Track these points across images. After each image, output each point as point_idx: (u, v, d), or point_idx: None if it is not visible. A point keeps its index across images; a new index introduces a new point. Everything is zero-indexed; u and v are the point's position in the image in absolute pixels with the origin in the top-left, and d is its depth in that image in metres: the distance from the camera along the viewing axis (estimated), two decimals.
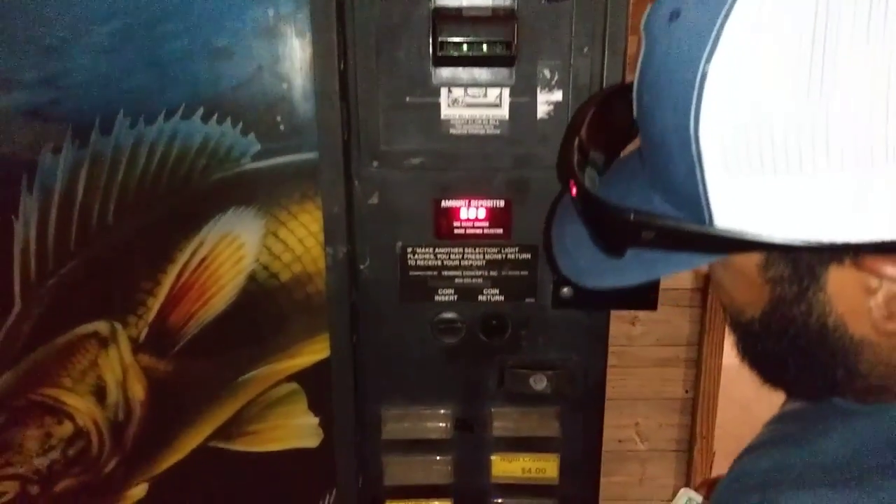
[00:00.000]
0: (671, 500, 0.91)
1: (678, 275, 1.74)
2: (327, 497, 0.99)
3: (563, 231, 0.58)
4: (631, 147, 0.57)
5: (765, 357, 0.52)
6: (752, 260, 0.46)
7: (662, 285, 0.94)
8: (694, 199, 0.44)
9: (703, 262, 0.48)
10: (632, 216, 0.46)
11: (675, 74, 0.43)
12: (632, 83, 0.50)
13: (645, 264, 0.50)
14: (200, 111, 0.83)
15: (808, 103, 0.38)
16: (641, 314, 1.80)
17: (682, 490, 0.91)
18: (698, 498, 0.91)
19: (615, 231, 0.49)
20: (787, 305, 0.46)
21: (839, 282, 0.44)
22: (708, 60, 0.40)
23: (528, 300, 0.95)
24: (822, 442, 0.51)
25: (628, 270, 0.51)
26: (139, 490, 0.96)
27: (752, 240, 0.42)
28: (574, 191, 0.51)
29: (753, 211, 0.42)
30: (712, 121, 0.41)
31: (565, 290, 0.94)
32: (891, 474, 0.45)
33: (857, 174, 0.39)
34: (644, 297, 0.95)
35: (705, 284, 1.73)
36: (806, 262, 0.44)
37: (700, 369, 1.83)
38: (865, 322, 0.44)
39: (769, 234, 0.42)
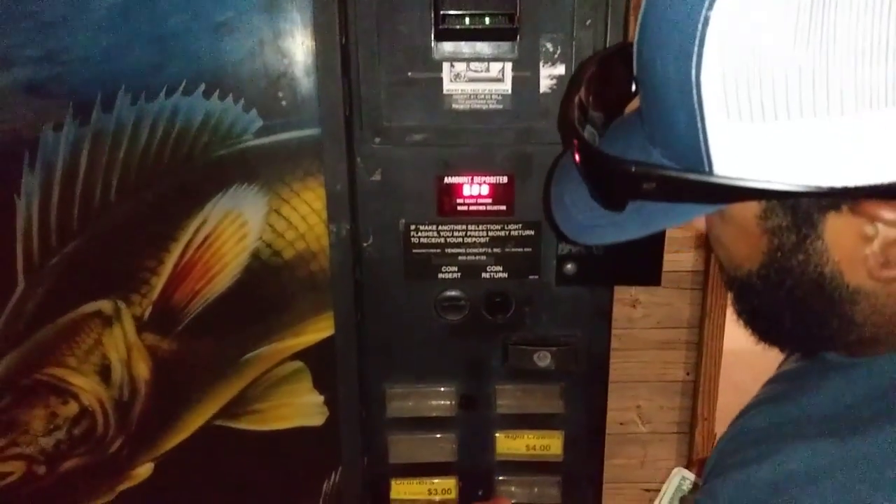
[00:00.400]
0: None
1: (679, 256, 1.74)
2: (332, 475, 0.99)
3: (562, 191, 0.58)
4: (631, 109, 0.57)
5: (761, 311, 0.52)
6: (751, 210, 0.46)
7: (663, 267, 0.94)
8: (694, 149, 0.44)
9: (702, 213, 0.49)
10: (633, 168, 0.46)
11: (676, 22, 0.43)
12: (633, 41, 0.50)
13: (644, 217, 0.50)
14: (202, 87, 0.82)
15: (808, 47, 0.39)
16: (642, 297, 1.80)
17: (676, 469, 0.91)
18: (692, 477, 0.91)
19: (616, 184, 0.49)
20: (785, 256, 0.47)
21: (836, 229, 0.44)
22: (710, 7, 0.41)
23: (531, 277, 0.95)
24: (815, 396, 0.52)
25: (628, 225, 0.51)
26: (145, 469, 0.96)
27: (753, 187, 0.43)
28: (576, 146, 0.52)
29: (753, 158, 0.42)
30: (713, 67, 0.41)
31: (569, 266, 0.94)
32: (882, 422, 0.45)
33: (856, 118, 0.39)
34: (647, 272, 0.95)
35: (706, 266, 1.73)
36: (804, 209, 0.44)
37: (701, 352, 1.83)
38: (861, 270, 0.45)
39: (769, 181, 0.42)
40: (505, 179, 0.90)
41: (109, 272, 0.88)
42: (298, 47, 0.83)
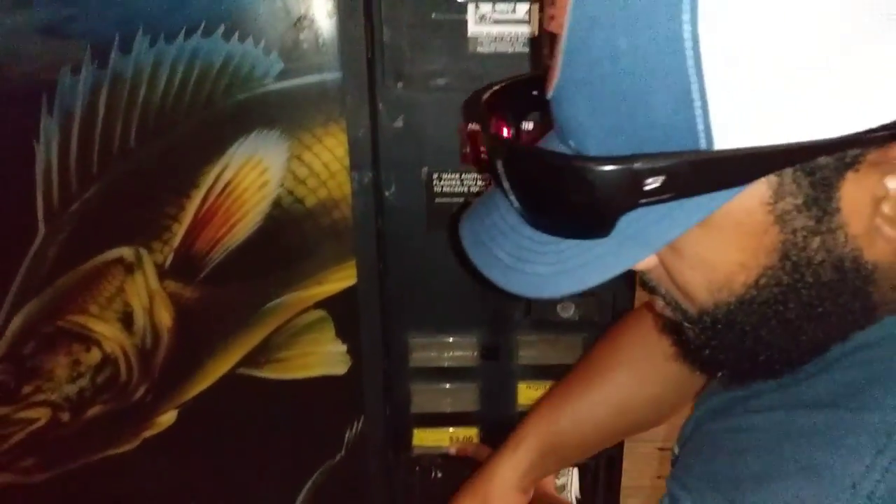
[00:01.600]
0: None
1: None
2: (355, 424, 0.99)
3: (489, 251, 0.48)
4: None
5: (754, 339, 0.45)
6: (758, 196, 0.39)
7: None
8: (685, 131, 0.37)
9: (708, 210, 0.40)
10: (636, 164, 0.37)
11: None
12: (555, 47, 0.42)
13: (635, 236, 0.41)
14: (221, 28, 0.80)
15: None
16: None
17: None
18: None
19: (608, 195, 0.39)
20: (799, 246, 0.40)
21: (853, 196, 0.39)
22: None
23: None
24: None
25: (614, 253, 0.42)
26: (168, 417, 0.96)
27: (794, 148, 0.36)
28: (535, 168, 0.43)
29: (769, 119, 0.36)
30: (712, 15, 0.35)
31: None
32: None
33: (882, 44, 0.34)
34: None
35: None
36: (822, 176, 0.38)
37: None
38: (879, 242, 0.40)
39: (798, 139, 0.36)
40: (530, 126, 0.88)
41: (130, 219, 0.87)
42: None
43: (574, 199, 0.41)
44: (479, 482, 0.81)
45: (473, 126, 0.63)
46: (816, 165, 0.38)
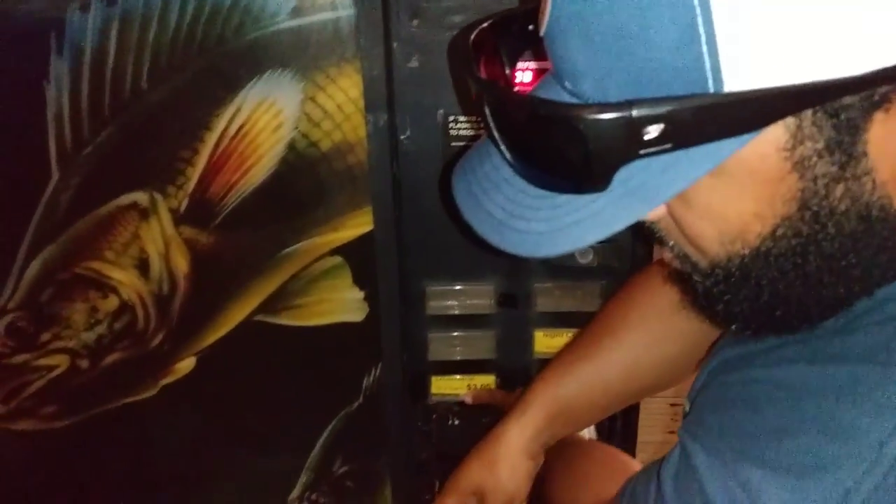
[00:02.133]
0: None
1: None
2: (373, 371, 0.99)
3: (480, 205, 0.45)
4: None
5: (772, 292, 0.42)
6: (773, 142, 0.36)
7: None
8: (690, 71, 0.34)
9: (718, 159, 0.37)
10: (634, 110, 0.34)
11: None
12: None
13: (636, 190, 0.38)
14: None
15: None
16: None
17: None
18: None
19: (600, 145, 0.36)
20: (819, 195, 0.37)
21: (881, 138, 0.36)
22: None
23: None
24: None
25: (614, 208, 0.39)
26: (187, 364, 0.96)
27: (815, 87, 0.33)
28: (526, 115, 0.40)
29: (784, 58, 0.33)
30: None
31: None
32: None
33: None
34: None
35: None
36: (847, 117, 0.35)
37: None
38: None
39: (818, 77, 0.33)
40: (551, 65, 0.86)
41: (144, 163, 0.86)
42: None
43: (565, 151, 0.37)
44: (486, 447, 0.80)
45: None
46: (841, 106, 0.35)
